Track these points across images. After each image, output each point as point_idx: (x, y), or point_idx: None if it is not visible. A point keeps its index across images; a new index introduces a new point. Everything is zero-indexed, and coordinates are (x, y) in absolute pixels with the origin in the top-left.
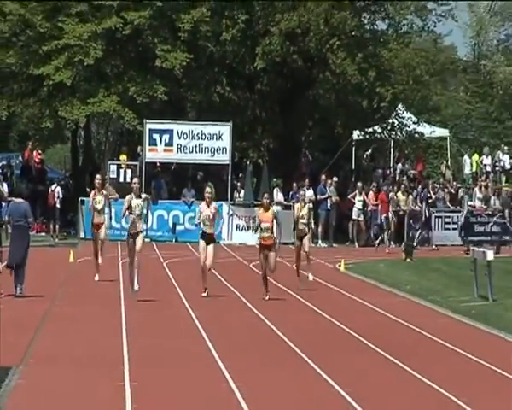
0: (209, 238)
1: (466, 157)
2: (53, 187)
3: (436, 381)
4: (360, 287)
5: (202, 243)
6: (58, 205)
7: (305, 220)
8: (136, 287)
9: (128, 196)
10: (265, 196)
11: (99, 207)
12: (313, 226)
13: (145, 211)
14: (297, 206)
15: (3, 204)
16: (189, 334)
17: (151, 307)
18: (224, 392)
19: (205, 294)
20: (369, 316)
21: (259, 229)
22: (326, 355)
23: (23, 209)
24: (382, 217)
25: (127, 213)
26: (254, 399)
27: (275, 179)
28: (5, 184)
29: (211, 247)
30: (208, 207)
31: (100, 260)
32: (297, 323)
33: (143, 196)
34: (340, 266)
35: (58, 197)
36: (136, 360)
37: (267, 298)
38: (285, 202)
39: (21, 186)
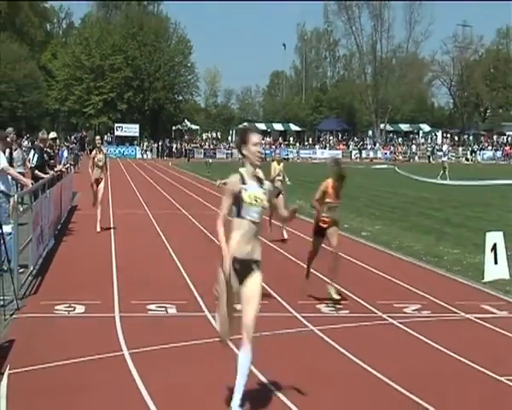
0: None
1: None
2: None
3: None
4: (189, 179)
5: None
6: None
7: (281, 177)
8: None
9: None
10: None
11: (100, 164)
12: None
13: None
14: (273, 164)
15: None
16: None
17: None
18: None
19: None
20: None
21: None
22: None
23: (75, 151)
24: None
25: None
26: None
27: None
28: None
29: None
30: None
31: (99, 211)
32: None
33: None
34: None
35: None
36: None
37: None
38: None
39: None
